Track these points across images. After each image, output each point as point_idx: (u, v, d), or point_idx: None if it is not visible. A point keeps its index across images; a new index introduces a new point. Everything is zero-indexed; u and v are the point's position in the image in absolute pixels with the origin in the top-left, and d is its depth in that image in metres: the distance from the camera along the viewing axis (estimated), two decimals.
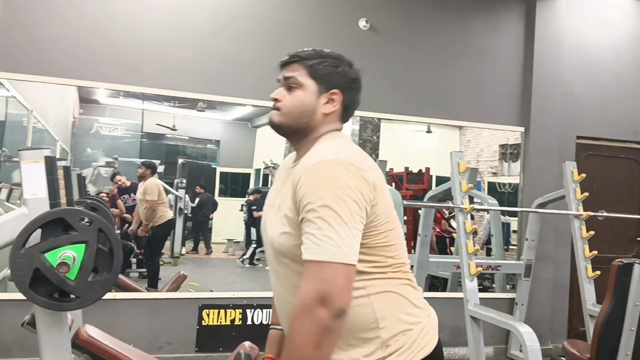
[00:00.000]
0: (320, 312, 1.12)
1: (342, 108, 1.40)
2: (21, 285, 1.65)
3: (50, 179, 1.79)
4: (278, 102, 1.39)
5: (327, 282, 1.14)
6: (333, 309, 1.12)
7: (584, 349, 3.32)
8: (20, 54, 3.91)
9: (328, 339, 1.14)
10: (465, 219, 3.79)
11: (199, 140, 5.41)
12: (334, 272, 1.14)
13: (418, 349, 1.31)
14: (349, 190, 1.18)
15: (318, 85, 1.36)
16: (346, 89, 1.39)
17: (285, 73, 1.40)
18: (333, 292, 1.13)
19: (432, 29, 4.88)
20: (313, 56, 1.39)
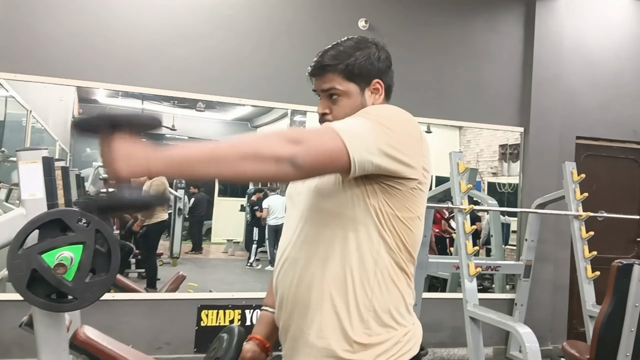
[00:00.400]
0: (289, 146, 1.07)
1: (386, 90, 1.41)
2: (19, 286, 1.64)
3: (47, 180, 1.79)
4: (328, 115, 1.37)
5: (316, 137, 1.12)
6: (299, 154, 1.07)
7: (583, 350, 3.31)
8: (19, 54, 3.91)
9: (266, 166, 1.07)
10: (465, 220, 3.79)
11: (199, 140, 5.40)
12: (330, 138, 1.12)
13: (401, 353, 1.28)
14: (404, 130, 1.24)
15: (358, 85, 1.36)
16: (383, 72, 1.40)
17: (321, 85, 1.37)
18: (313, 146, 1.10)
19: (432, 29, 4.88)
20: (341, 57, 1.35)
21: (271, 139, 1.09)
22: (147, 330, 4.05)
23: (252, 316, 4.28)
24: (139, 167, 1.01)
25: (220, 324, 4.21)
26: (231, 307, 4.24)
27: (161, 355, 4.00)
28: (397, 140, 1.19)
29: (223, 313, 4.22)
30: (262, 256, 5.52)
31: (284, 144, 1.07)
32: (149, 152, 1.03)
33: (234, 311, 4.25)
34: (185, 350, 4.13)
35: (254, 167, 1.06)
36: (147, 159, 1.02)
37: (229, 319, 4.23)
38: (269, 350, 1.54)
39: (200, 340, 4.17)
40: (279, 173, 1.08)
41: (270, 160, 1.06)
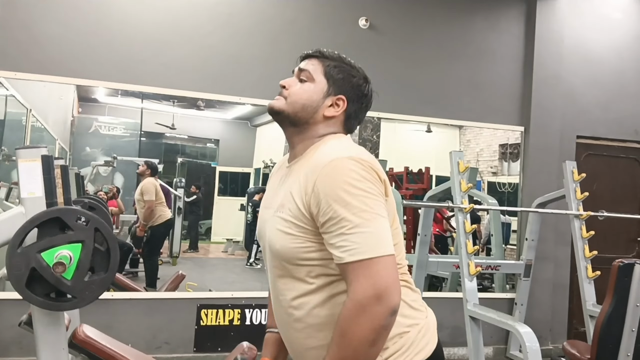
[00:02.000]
0: (378, 311, 1.12)
1: (345, 117, 1.39)
2: (18, 285, 1.64)
3: (46, 178, 1.78)
4: (285, 89, 1.38)
5: (380, 277, 1.13)
6: (389, 306, 1.13)
7: (584, 350, 3.30)
8: (19, 52, 3.90)
9: (384, 335, 1.15)
10: (465, 219, 3.78)
11: (198, 139, 5.39)
12: (383, 266, 1.14)
13: (416, 351, 1.29)
14: (368, 183, 1.18)
15: (328, 86, 1.36)
16: (354, 100, 1.39)
17: (302, 65, 1.40)
18: (386, 286, 1.13)
19: (432, 27, 4.87)
20: (335, 58, 1.39)
21: (360, 321, 1.13)
22: (146, 329, 4.05)
23: (251, 315, 4.27)
24: None
25: (219, 323, 4.20)
26: (231, 306, 4.24)
27: (160, 355, 4.00)
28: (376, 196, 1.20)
29: (222, 312, 4.22)
30: (261, 255, 5.51)
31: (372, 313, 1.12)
32: None
33: (233, 310, 4.24)
34: (184, 349, 4.13)
35: (378, 348, 1.16)
36: None
37: (229, 318, 4.22)
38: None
39: (200, 340, 4.16)
40: (391, 326, 1.16)
41: (380, 333, 1.14)
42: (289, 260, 1.26)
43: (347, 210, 1.15)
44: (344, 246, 1.15)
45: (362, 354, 1.14)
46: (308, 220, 1.22)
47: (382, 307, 1.12)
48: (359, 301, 1.13)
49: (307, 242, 1.23)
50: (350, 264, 1.15)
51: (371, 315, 1.12)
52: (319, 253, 1.23)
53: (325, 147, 1.30)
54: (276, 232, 1.27)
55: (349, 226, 1.15)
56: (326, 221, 1.17)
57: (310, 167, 1.24)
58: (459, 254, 3.82)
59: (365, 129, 4.83)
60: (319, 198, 1.18)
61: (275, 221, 1.28)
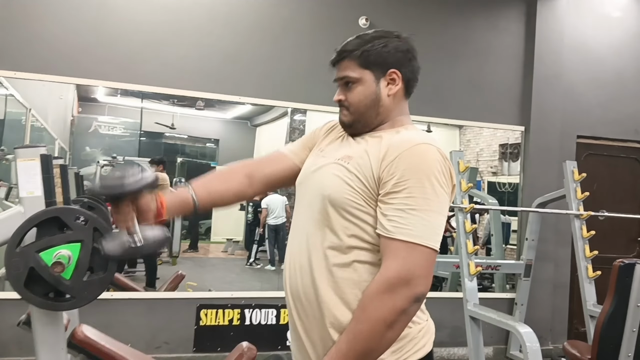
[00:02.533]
0: (404, 293, 1.13)
1: (405, 83, 1.38)
2: (16, 285, 1.63)
3: (45, 177, 1.77)
4: (343, 101, 1.38)
5: (415, 264, 1.15)
6: (416, 292, 1.14)
7: (584, 350, 3.30)
8: (18, 52, 3.89)
9: (403, 320, 1.16)
10: (465, 219, 3.78)
11: (198, 139, 5.39)
12: (424, 256, 1.16)
13: (415, 348, 1.29)
14: (445, 180, 1.21)
15: (374, 72, 1.35)
16: (402, 63, 1.37)
17: (338, 73, 1.39)
18: (420, 275, 1.15)
19: (432, 27, 4.86)
20: (359, 44, 1.36)
21: (383, 300, 1.14)
22: (145, 329, 4.04)
23: (251, 315, 4.26)
24: None
25: (219, 323, 4.19)
26: (230, 306, 4.23)
27: (160, 355, 3.99)
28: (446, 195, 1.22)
29: (222, 312, 4.21)
30: (262, 255, 5.50)
31: (397, 294, 1.14)
32: None
33: (233, 310, 4.23)
34: (184, 349, 4.12)
35: (395, 333, 1.17)
36: None
37: (228, 318, 4.22)
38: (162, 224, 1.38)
39: (199, 340, 4.15)
40: (412, 315, 1.19)
41: (400, 317, 1.15)
42: (335, 206, 1.26)
43: (419, 192, 1.17)
44: (399, 222, 1.17)
45: (377, 332, 1.14)
46: (373, 182, 1.23)
47: (409, 291, 1.14)
48: (389, 279, 1.14)
49: (359, 199, 1.24)
50: (396, 241, 1.16)
51: (396, 296, 1.13)
52: (364, 215, 1.24)
53: (409, 132, 1.32)
54: (333, 178, 1.28)
55: (413, 206, 1.17)
56: (394, 192, 1.19)
57: (395, 142, 1.25)
58: (459, 254, 3.81)
59: None
60: (398, 169, 1.19)
61: (336, 168, 1.29)
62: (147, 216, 1.28)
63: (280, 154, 1.55)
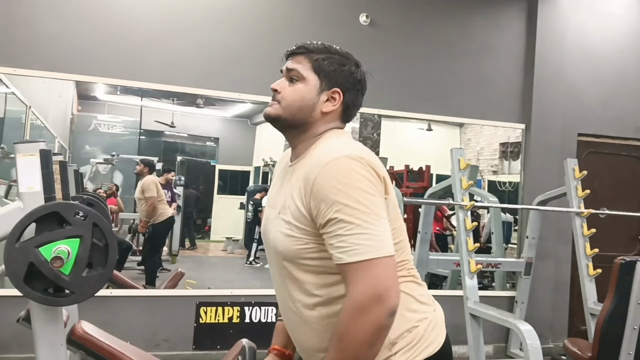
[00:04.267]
0: (378, 311, 1.11)
1: (342, 108, 1.36)
2: (16, 280, 1.63)
3: (45, 173, 1.77)
4: (278, 93, 1.34)
5: (380, 279, 1.12)
6: (389, 306, 1.12)
7: (585, 348, 3.29)
8: (18, 48, 3.89)
9: (383, 336, 1.15)
10: (466, 217, 3.77)
11: (198, 137, 5.38)
12: (383, 267, 1.13)
13: (424, 345, 1.28)
14: (368, 182, 1.17)
15: (321, 81, 1.33)
16: (349, 89, 1.35)
17: (289, 64, 1.36)
18: (387, 287, 1.12)
19: (433, 24, 4.85)
20: (321, 50, 1.35)
21: (359, 322, 1.12)
22: (145, 326, 4.03)
23: (251, 313, 4.26)
24: None
25: (219, 321, 4.19)
26: (230, 304, 4.22)
27: (159, 352, 3.98)
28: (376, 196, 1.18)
29: (222, 310, 4.20)
30: (262, 254, 5.49)
31: (371, 314, 1.11)
32: None
33: (232, 308, 4.23)
34: (183, 347, 4.11)
35: (376, 349, 1.15)
36: None
37: (228, 316, 4.21)
38: (290, 357, 1.53)
39: (199, 337, 4.15)
40: (389, 328, 1.16)
41: (379, 334, 1.14)
42: (292, 260, 1.26)
43: (345, 211, 1.14)
44: (343, 247, 1.14)
45: (361, 355, 1.13)
46: (309, 221, 1.21)
47: (383, 308, 1.11)
48: (359, 302, 1.12)
49: (309, 244, 1.22)
50: (350, 265, 1.13)
51: (371, 316, 1.11)
52: (321, 254, 1.22)
53: (323, 146, 1.28)
54: (279, 234, 1.27)
55: (348, 227, 1.14)
56: (325, 222, 1.16)
57: (310, 167, 1.22)
58: (459, 252, 3.80)
59: (366, 127, 4.81)
60: (318, 199, 1.17)
61: (278, 223, 1.28)
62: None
63: None
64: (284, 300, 1.35)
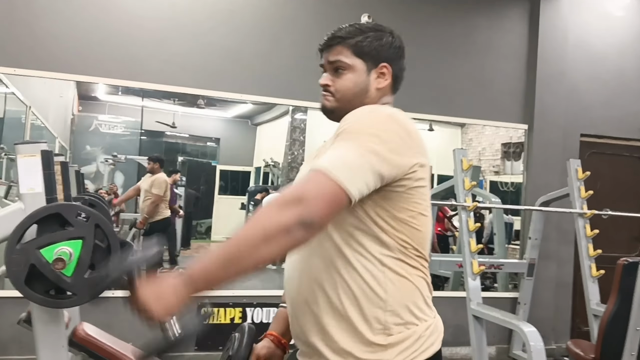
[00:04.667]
0: (290, 211, 1.02)
1: (393, 79, 1.37)
2: (17, 282, 1.61)
3: (46, 174, 1.75)
4: (328, 87, 1.34)
5: (312, 189, 1.06)
6: (302, 213, 1.02)
7: (588, 349, 3.28)
8: (18, 48, 3.87)
9: (281, 240, 1.03)
10: (469, 217, 3.75)
11: (199, 137, 5.37)
12: (318, 179, 1.07)
13: (423, 348, 1.25)
14: (389, 132, 1.15)
15: (366, 63, 1.33)
16: (393, 59, 1.36)
17: (329, 57, 1.35)
18: (313, 199, 1.04)
19: (435, 25, 4.84)
20: (354, 33, 1.33)
21: (270, 212, 1.05)
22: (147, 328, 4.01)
23: (253, 314, 4.24)
24: (170, 301, 1.04)
25: (220, 321, 4.17)
26: (232, 304, 4.21)
27: None
28: (387, 148, 1.13)
29: (224, 311, 4.19)
30: None
31: (285, 211, 1.03)
32: (172, 284, 1.05)
33: (234, 309, 4.21)
34: (185, 348, 4.09)
35: (270, 249, 1.03)
36: (174, 290, 1.04)
37: (230, 317, 4.20)
38: (285, 346, 1.50)
39: (201, 338, 4.13)
40: (295, 241, 1.05)
41: (280, 234, 1.03)
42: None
43: (348, 135, 1.13)
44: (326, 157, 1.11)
45: (251, 238, 1.04)
46: None
47: (296, 209, 1.02)
48: (283, 196, 1.06)
49: None
50: (312, 171, 1.09)
51: (283, 211, 1.03)
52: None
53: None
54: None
55: (337, 146, 1.13)
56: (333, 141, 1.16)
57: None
58: (462, 253, 3.79)
59: None
60: (342, 124, 1.18)
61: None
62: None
63: None
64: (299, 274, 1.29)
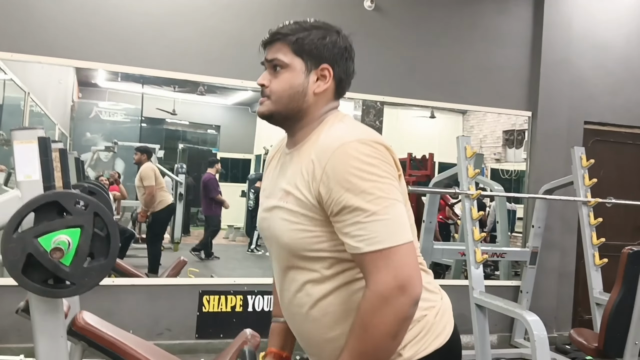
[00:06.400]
0: (401, 301, 1.07)
1: (335, 83, 1.27)
2: (13, 271, 1.58)
3: (44, 161, 1.72)
4: (265, 87, 1.27)
5: (401, 267, 1.08)
6: (413, 295, 1.08)
7: (591, 338, 3.27)
8: (16, 32, 3.81)
9: (406, 326, 1.11)
10: (472, 206, 3.72)
11: (199, 125, 5.36)
12: (403, 255, 1.09)
13: (433, 336, 1.24)
14: (381, 167, 1.12)
15: (305, 63, 1.24)
16: (337, 61, 1.26)
17: (268, 55, 1.28)
18: (410, 276, 1.09)
19: (439, 10, 4.77)
20: (296, 30, 1.26)
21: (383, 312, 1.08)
22: (147, 316, 4.01)
23: (254, 302, 4.23)
24: None
25: (221, 309, 4.16)
26: (233, 292, 4.19)
27: (162, 341, 3.95)
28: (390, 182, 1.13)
29: (225, 298, 4.17)
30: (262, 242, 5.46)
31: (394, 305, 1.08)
32: None
33: (235, 297, 4.20)
34: (186, 336, 4.09)
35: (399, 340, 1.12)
36: None
37: (231, 304, 4.18)
38: (288, 359, 1.50)
39: (202, 326, 4.12)
40: (414, 314, 1.12)
41: (404, 325, 1.11)
42: (297, 252, 1.20)
43: (361, 198, 1.09)
44: (361, 235, 1.09)
45: (383, 347, 1.10)
46: (316, 208, 1.15)
47: (406, 298, 1.07)
48: (381, 293, 1.07)
49: (316, 232, 1.17)
50: (369, 254, 1.09)
51: (394, 307, 1.07)
52: (329, 243, 1.17)
53: (330, 131, 1.21)
54: (282, 224, 1.20)
55: (365, 214, 1.08)
56: (340, 210, 1.11)
57: (317, 153, 1.16)
58: (465, 241, 3.76)
59: (368, 114, 4.75)
60: (330, 186, 1.11)
61: (280, 212, 1.22)
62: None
63: None
64: (287, 295, 1.29)
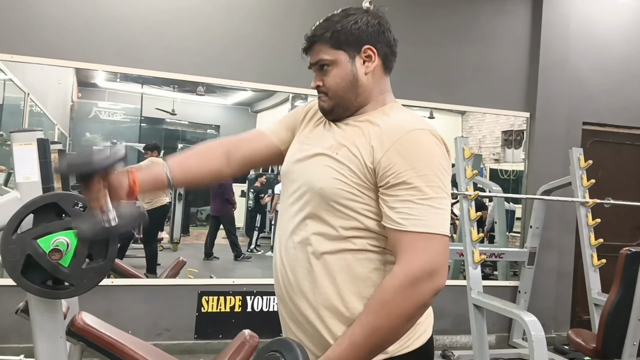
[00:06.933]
0: (427, 287, 1.12)
1: (382, 58, 1.32)
2: (13, 272, 1.59)
3: (43, 162, 1.73)
4: (320, 87, 1.33)
5: (437, 255, 1.13)
6: (439, 284, 1.13)
7: (589, 339, 3.28)
8: (16, 34, 3.83)
9: (421, 313, 1.16)
10: (470, 206, 3.73)
11: (199, 125, 5.35)
12: (442, 245, 1.14)
13: (418, 334, 1.27)
14: (446, 162, 1.20)
15: (347, 52, 1.29)
16: (376, 38, 1.31)
17: (311, 59, 1.34)
18: (442, 265, 1.13)
19: (438, 10, 4.77)
20: (328, 27, 1.30)
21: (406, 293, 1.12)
22: (146, 316, 4.02)
23: (253, 302, 4.23)
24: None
25: (220, 310, 4.17)
26: (232, 293, 4.20)
27: (161, 342, 3.96)
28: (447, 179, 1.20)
29: (224, 299, 4.18)
30: (263, 242, 5.48)
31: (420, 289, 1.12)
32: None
33: (234, 297, 4.21)
34: (185, 336, 4.10)
35: (411, 324, 1.17)
36: None
37: (230, 305, 4.19)
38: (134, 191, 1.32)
39: (201, 327, 4.13)
40: (428, 307, 1.19)
41: (420, 310, 1.15)
42: (329, 200, 1.21)
43: (423, 180, 1.14)
44: (409, 214, 1.13)
45: (397, 327, 1.14)
46: (368, 173, 1.19)
47: (432, 285, 1.12)
48: (412, 273, 1.11)
49: (354, 190, 1.20)
50: (410, 234, 1.13)
51: (419, 290, 1.11)
52: (360, 205, 1.20)
53: (401, 113, 1.29)
54: (325, 170, 1.23)
55: (421, 196, 1.14)
56: (397, 184, 1.15)
57: (388, 127, 1.21)
58: (463, 242, 3.77)
59: None
60: (395, 160, 1.16)
61: (325, 159, 1.24)
62: (120, 193, 1.22)
63: (259, 133, 1.52)
64: (289, 245, 1.28)
